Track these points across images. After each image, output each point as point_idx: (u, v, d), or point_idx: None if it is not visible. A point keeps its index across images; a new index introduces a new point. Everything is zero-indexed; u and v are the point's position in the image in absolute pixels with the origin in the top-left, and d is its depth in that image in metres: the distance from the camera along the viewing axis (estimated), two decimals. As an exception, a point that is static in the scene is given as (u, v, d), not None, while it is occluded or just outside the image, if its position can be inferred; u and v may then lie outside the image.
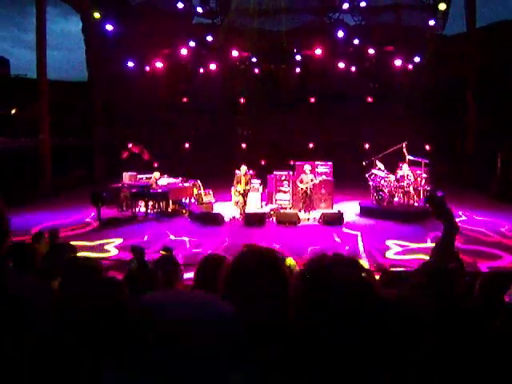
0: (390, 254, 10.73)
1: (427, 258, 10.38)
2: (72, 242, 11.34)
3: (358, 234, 12.23)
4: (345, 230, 12.76)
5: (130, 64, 17.76)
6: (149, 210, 14.83)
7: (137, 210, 15.08)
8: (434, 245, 8.73)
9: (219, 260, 3.07)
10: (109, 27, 17.63)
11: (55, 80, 21.53)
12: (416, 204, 14.61)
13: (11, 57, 25.24)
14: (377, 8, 18.52)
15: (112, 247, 11.34)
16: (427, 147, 18.47)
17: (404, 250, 10.99)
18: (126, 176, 16.34)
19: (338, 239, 11.84)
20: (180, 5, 17.76)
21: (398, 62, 17.55)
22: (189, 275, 7.20)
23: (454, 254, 7.20)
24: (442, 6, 17.44)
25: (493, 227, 12.80)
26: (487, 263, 9.75)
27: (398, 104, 18.91)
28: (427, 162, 14.83)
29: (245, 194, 14.30)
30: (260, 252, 1.61)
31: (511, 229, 12.66)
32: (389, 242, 11.52)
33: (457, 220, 6.57)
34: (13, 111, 23.37)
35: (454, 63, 18.67)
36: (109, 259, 10.01)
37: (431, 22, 16.96)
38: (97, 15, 17.67)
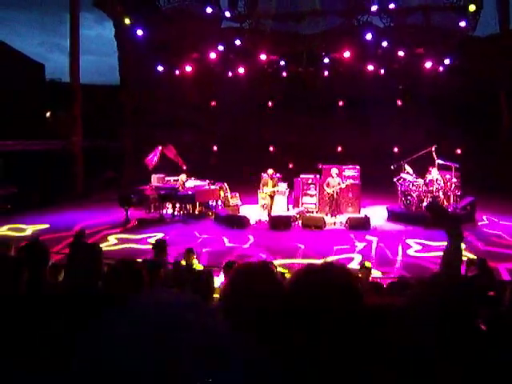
0: (411, 252, 10.93)
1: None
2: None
3: (375, 239, 12.08)
4: (368, 236, 12.59)
5: (160, 68, 18.10)
6: (176, 212, 15.04)
7: (164, 211, 15.31)
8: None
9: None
10: (139, 32, 18.01)
11: (89, 84, 22.12)
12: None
13: (46, 61, 25.96)
14: (406, 9, 18.25)
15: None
16: (458, 151, 18.08)
17: (424, 249, 11.03)
18: (155, 178, 16.62)
19: (358, 244, 11.75)
20: (209, 9, 17.99)
21: (428, 64, 17.23)
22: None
23: (473, 262, 6.99)
24: (472, 8, 17.05)
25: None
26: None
27: (427, 107, 18.56)
28: (457, 166, 14.51)
29: (272, 197, 14.34)
30: (253, 267, 1.63)
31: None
32: (409, 241, 11.66)
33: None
34: (47, 114, 24.14)
35: (486, 65, 18.20)
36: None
37: (462, 23, 16.58)
38: (127, 21, 18.09)
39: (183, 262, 7.76)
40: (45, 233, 12.38)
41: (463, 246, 8.23)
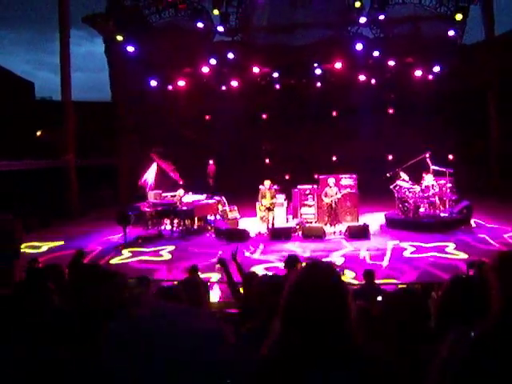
0: (406, 254, 11.26)
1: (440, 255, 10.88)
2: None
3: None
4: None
5: (153, 83, 18.11)
6: (174, 228, 14.97)
7: (162, 228, 15.23)
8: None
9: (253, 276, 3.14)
10: (130, 49, 18.02)
11: (80, 101, 22.04)
12: (442, 214, 14.50)
13: (36, 79, 25.83)
14: (395, 20, 18.57)
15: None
16: (450, 157, 18.34)
17: (418, 250, 11.38)
18: (152, 194, 16.54)
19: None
20: (200, 24, 18.10)
21: (418, 73, 17.53)
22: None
23: (473, 264, 7.12)
24: (459, 16, 17.41)
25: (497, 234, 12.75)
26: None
27: (419, 115, 18.84)
28: (451, 171, 14.73)
29: (271, 209, 14.37)
30: (323, 268, 1.65)
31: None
32: (404, 244, 12.02)
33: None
34: (38, 133, 23.95)
35: (474, 72, 18.58)
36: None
37: (451, 33, 16.92)
38: (119, 38, 18.11)
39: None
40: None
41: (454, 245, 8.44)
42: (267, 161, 21.17)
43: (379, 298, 6.73)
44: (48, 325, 2.16)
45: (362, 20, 17.15)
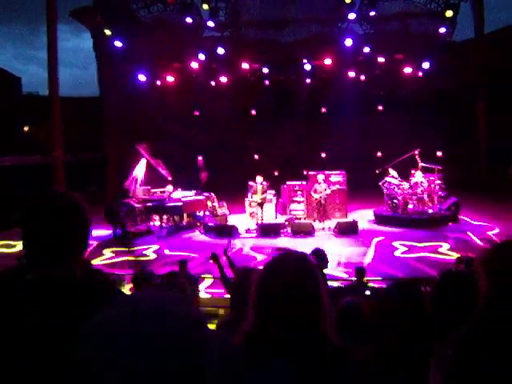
0: (397, 254, 11.16)
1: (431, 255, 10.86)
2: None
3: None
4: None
5: (142, 78, 17.92)
6: (163, 224, 14.88)
7: (151, 224, 15.14)
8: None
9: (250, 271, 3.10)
10: (118, 44, 17.81)
11: (68, 96, 21.79)
12: (431, 211, 14.58)
13: (23, 74, 25.46)
14: (385, 16, 18.59)
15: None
16: (439, 154, 18.42)
17: (410, 250, 11.27)
18: (140, 190, 16.42)
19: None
20: (189, 19, 17.94)
21: (407, 70, 17.57)
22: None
23: (461, 260, 7.15)
24: (449, 13, 17.47)
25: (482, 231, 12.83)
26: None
27: (408, 111, 18.91)
28: (440, 168, 14.80)
29: (262, 204, 14.34)
30: (295, 255, 1.59)
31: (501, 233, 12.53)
32: (396, 243, 11.89)
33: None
34: (25, 129, 23.66)
35: (463, 69, 18.68)
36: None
37: (442, 30, 16.98)
38: (108, 32, 17.90)
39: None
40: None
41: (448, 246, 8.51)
42: (256, 157, 21.12)
43: (367, 293, 6.75)
44: None
45: (352, 16, 17.13)
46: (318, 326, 1.42)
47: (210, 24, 17.67)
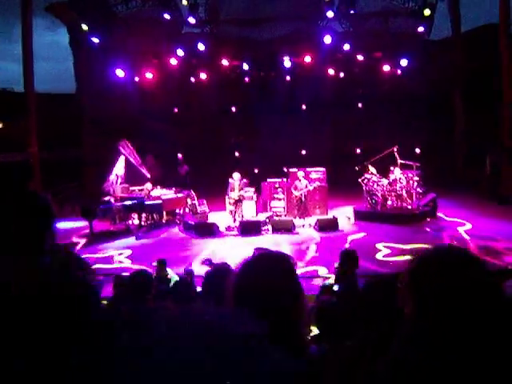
0: (379, 256, 11.03)
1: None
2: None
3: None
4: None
5: (120, 74, 17.63)
6: (142, 223, 14.70)
7: (130, 222, 14.93)
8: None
9: (226, 270, 3.04)
10: (95, 39, 17.50)
11: (43, 92, 21.33)
12: (409, 207, 14.76)
13: (-4, 70, 24.83)
14: (365, 15, 18.71)
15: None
16: (417, 150, 18.65)
17: (393, 253, 11.18)
18: (119, 188, 16.19)
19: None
20: (166, 16, 17.74)
21: (386, 68, 17.73)
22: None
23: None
24: (427, 12, 17.69)
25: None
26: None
27: (387, 109, 19.08)
28: (418, 164, 14.98)
29: (239, 201, 14.28)
30: (272, 256, 1.56)
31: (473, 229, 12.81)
32: (379, 245, 11.75)
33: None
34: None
35: (440, 67, 18.95)
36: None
37: (420, 28, 17.19)
38: (85, 27, 17.57)
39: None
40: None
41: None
42: (237, 154, 21.04)
43: (335, 288, 6.73)
44: None
45: (330, 14, 17.16)
46: (294, 327, 1.39)
47: (192, 20, 17.47)
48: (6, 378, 1.03)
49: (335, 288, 6.86)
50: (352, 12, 17.56)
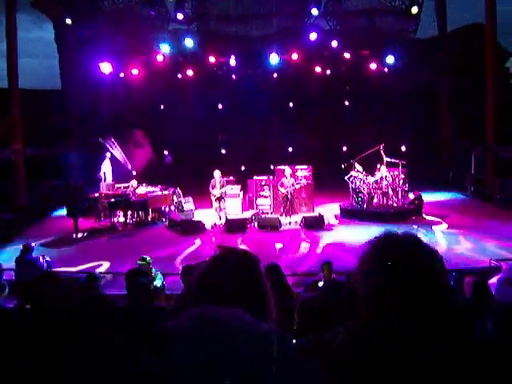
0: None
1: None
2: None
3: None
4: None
5: (105, 70, 17.46)
6: (128, 220, 14.59)
7: (115, 219, 14.80)
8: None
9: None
10: (80, 35, 17.32)
11: (28, 88, 21.05)
12: (395, 205, 14.84)
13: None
14: (351, 13, 18.75)
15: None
16: (403, 148, 18.76)
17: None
18: (104, 185, 16.05)
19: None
20: (153, 12, 17.62)
21: (373, 66, 17.80)
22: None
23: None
24: (415, 10, 17.80)
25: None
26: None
27: (374, 107, 19.15)
28: (404, 162, 15.06)
29: (221, 198, 14.19)
30: (235, 253, 1.54)
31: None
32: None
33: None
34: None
35: (426, 65, 19.06)
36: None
37: (406, 27, 17.30)
38: (69, 21, 17.37)
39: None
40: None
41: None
42: (223, 151, 20.97)
43: (320, 284, 6.76)
44: None
45: (314, 12, 17.15)
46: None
47: (180, 16, 17.34)
48: None
49: (320, 284, 6.91)
50: (338, 10, 17.59)
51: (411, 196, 15.03)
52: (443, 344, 1.24)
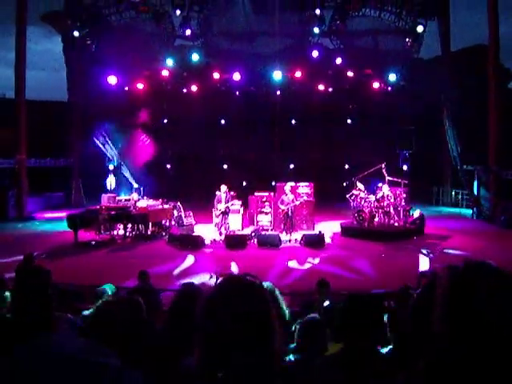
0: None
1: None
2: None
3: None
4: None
5: (111, 83, 17.63)
6: (127, 233, 14.56)
7: (115, 232, 14.78)
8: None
9: (195, 291, 3.00)
10: (88, 48, 17.55)
11: (35, 100, 21.29)
12: (396, 224, 14.75)
13: (-11, 76, 24.70)
14: (355, 32, 18.89)
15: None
16: (405, 167, 18.74)
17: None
18: (105, 198, 16.08)
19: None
20: (156, 27, 17.85)
21: (375, 85, 17.87)
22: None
23: (424, 274, 7.13)
24: (420, 29, 17.95)
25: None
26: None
27: (376, 125, 19.17)
28: (406, 182, 15.00)
29: (226, 213, 14.19)
30: (240, 280, 1.54)
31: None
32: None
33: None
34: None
35: (429, 85, 19.09)
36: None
37: (409, 47, 17.42)
38: (76, 33, 17.64)
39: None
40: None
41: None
42: (225, 167, 21.01)
43: (326, 303, 6.67)
44: None
45: (316, 30, 17.31)
46: (269, 351, 1.41)
47: (188, 32, 17.54)
48: None
49: (325, 304, 6.78)
50: (342, 29, 17.74)
51: (416, 213, 14.92)
52: None
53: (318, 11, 17.19)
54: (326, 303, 6.75)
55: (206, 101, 19.16)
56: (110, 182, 16.73)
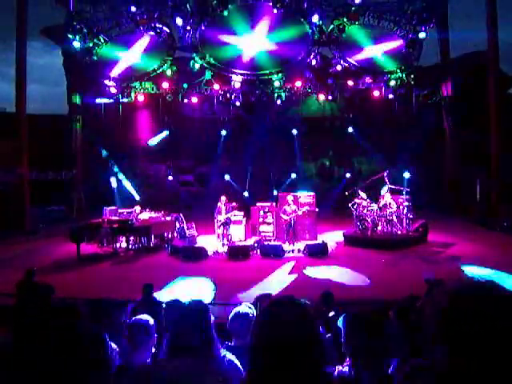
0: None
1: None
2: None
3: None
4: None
5: (112, 93, 17.66)
6: (130, 246, 14.52)
7: (118, 245, 14.74)
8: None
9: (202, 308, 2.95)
10: (88, 61, 17.60)
11: (36, 114, 21.33)
12: (399, 232, 14.69)
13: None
14: (355, 41, 18.92)
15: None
16: (407, 175, 18.74)
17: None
18: (107, 211, 16.05)
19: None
20: (158, 38, 17.93)
21: (376, 93, 17.90)
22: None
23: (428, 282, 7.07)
24: (422, 35, 18.06)
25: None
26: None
27: (377, 134, 19.19)
28: (408, 190, 14.96)
29: (226, 223, 14.14)
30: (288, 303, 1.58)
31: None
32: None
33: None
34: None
35: (429, 93, 19.15)
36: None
37: (409, 54, 17.48)
38: (76, 44, 17.73)
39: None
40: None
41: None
42: (227, 177, 21.00)
43: (332, 314, 6.60)
44: None
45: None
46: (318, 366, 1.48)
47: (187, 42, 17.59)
48: None
49: (331, 314, 6.68)
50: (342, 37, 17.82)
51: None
52: None
53: (316, 19, 17.30)
54: (332, 314, 6.70)
55: (206, 111, 19.19)
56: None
